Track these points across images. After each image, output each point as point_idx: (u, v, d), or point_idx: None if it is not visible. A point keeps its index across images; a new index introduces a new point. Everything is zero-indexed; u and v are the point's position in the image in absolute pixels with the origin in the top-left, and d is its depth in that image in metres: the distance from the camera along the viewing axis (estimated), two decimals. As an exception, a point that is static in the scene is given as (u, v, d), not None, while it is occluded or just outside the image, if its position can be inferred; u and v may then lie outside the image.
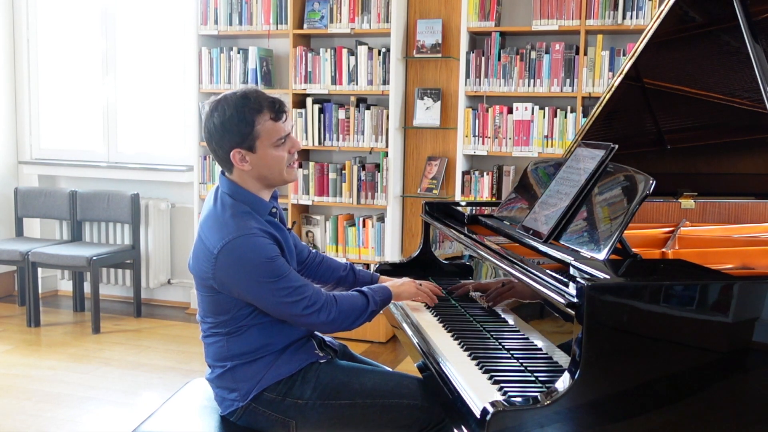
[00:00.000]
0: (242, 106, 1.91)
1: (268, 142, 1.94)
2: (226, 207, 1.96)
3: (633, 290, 1.56)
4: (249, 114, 1.91)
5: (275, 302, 1.92)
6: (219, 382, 2.04)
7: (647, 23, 3.03)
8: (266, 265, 1.89)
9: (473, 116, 4.34)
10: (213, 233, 1.92)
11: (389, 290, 2.16)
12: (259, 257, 1.88)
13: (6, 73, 5.37)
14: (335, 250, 4.68)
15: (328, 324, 1.99)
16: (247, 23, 4.70)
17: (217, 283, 1.93)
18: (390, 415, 1.99)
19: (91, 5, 5.31)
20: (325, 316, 1.97)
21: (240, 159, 1.94)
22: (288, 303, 1.92)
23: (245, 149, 1.93)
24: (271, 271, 1.89)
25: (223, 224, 1.92)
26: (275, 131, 1.94)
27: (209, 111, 1.95)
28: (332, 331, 2.05)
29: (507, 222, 2.34)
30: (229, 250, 1.88)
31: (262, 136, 1.93)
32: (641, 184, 1.83)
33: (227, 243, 1.88)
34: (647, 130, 2.72)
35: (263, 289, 1.90)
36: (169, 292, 5.38)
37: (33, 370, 3.97)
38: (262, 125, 1.92)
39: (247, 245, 1.88)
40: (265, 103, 1.93)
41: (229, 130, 1.91)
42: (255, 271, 1.89)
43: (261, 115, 1.92)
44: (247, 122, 1.91)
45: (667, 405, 1.58)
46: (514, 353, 1.88)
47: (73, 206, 5.10)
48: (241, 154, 1.93)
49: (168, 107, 5.26)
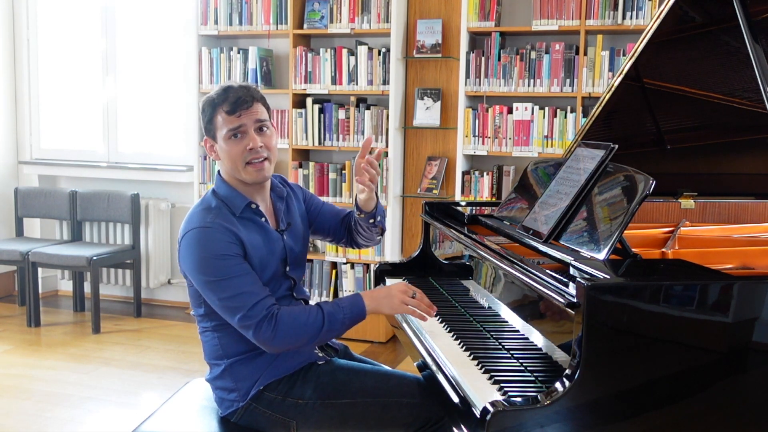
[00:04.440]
0: (210, 98, 2.01)
1: (220, 135, 2.00)
2: (202, 201, 2.03)
3: (633, 290, 1.56)
4: (209, 106, 2.00)
5: (216, 304, 1.92)
6: (218, 383, 2.04)
7: (647, 23, 3.03)
8: (211, 261, 1.89)
9: (473, 116, 4.34)
10: (183, 225, 2.00)
11: (362, 305, 1.95)
12: (206, 251, 1.90)
13: (6, 73, 5.37)
14: (335, 250, 4.68)
15: (267, 343, 1.88)
16: (247, 23, 4.70)
17: (182, 271, 1.99)
18: (390, 414, 1.99)
19: (91, 5, 5.31)
20: (264, 333, 1.86)
21: (209, 147, 2.05)
22: (226, 308, 1.90)
23: (210, 138, 2.03)
24: (214, 269, 1.88)
25: (190, 216, 1.99)
26: (225, 124, 1.98)
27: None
28: (277, 351, 1.92)
29: (507, 222, 2.34)
30: (186, 240, 1.94)
31: (218, 127, 2.00)
32: (641, 184, 1.83)
33: (185, 234, 1.95)
34: (647, 130, 2.72)
35: (205, 286, 1.91)
36: (169, 292, 5.38)
37: (33, 370, 3.97)
38: (219, 116, 1.99)
39: (198, 238, 1.91)
40: (227, 96, 1.98)
41: (202, 117, 2.04)
42: (201, 265, 1.90)
43: (219, 108, 1.98)
44: (206, 113, 2.01)
45: (667, 405, 1.58)
46: (514, 353, 1.88)
47: (73, 206, 5.10)
48: (210, 143, 2.04)
49: (168, 107, 5.26)
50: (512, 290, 2.01)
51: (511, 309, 2.01)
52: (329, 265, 4.78)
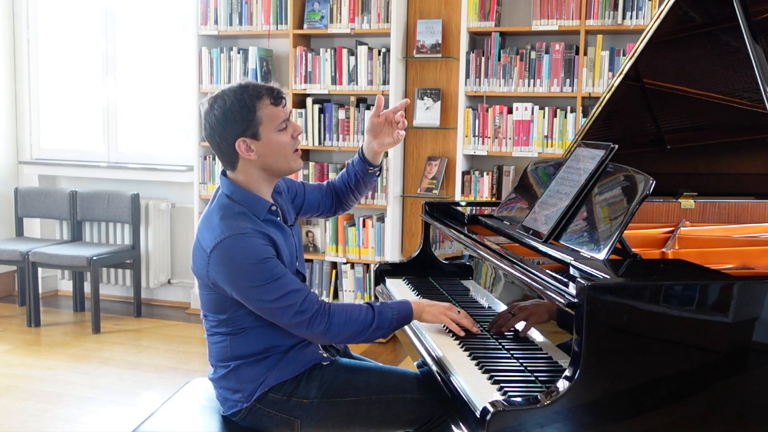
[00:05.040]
0: (242, 94, 1.91)
1: (272, 127, 1.93)
2: (221, 207, 1.95)
3: (633, 290, 1.56)
4: (250, 100, 1.90)
5: (264, 307, 1.88)
6: (222, 383, 2.03)
7: (647, 23, 3.04)
8: (256, 266, 1.85)
9: (473, 116, 4.34)
10: (207, 233, 1.92)
11: (409, 307, 1.99)
12: (249, 258, 1.85)
13: (6, 73, 5.37)
14: (335, 250, 4.68)
15: (319, 336, 1.91)
16: (247, 23, 4.70)
17: (211, 282, 1.92)
18: (394, 411, 2.00)
19: (91, 5, 5.31)
20: (317, 327, 1.89)
21: (246, 148, 1.92)
22: (277, 309, 1.87)
23: (250, 137, 1.92)
24: (260, 274, 1.85)
25: (216, 224, 1.91)
26: (276, 115, 1.93)
27: (208, 106, 1.94)
28: (328, 343, 1.98)
29: (507, 222, 2.34)
30: (221, 250, 1.87)
31: (265, 121, 1.92)
32: (641, 184, 1.83)
33: (219, 242, 1.87)
34: (647, 130, 2.72)
35: (251, 291, 1.87)
36: (169, 292, 5.38)
37: (33, 370, 3.97)
38: (263, 110, 1.92)
39: (238, 245, 1.86)
40: (263, 89, 1.93)
41: (231, 119, 1.91)
42: (244, 272, 1.85)
43: (261, 101, 1.92)
44: (249, 108, 1.90)
45: (666, 405, 1.58)
46: (514, 353, 1.88)
47: (73, 206, 5.10)
48: (246, 143, 1.92)
49: (168, 107, 5.26)
50: (512, 290, 2.01)
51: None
52: (329, 265, 4.78)
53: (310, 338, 1.96)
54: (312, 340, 1.98)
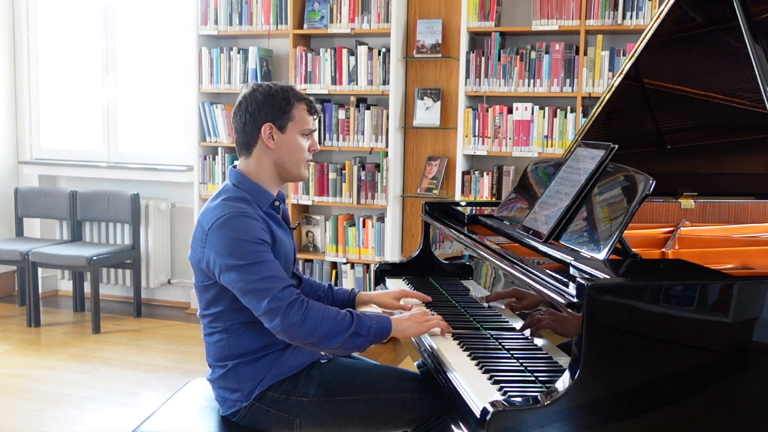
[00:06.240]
0: (288, 89, 2.05)
1: (298, 128, 2.04)
2: (226, 191, 2.02)
3: (633, 290, 1.56)
4: (293, 96, 2.04)
5: (243, 287, 1.88)
6: (221, 383, 2.04)
7: (647, 23, 3.04)
8: (246, 245, 1.88)
9: (473, 116, 4.34)
10: (208, 214, 1.97)
11: (388, 321, 1.97)
12: (242, 235, 1.90)
13: (6, 73, 5.37)
14: (335, 250, 4.68)
15: (296, 327, 1.85)
16: (247, 23, 4.70)
17: (205, 263, 1.94)
18: (393, 410, 2.00)
19: (91, 5, 5.31)
20: (293, 317, 1.84)
21: (269, 135, 2.02)
22: (255, 291, 1.86)
23: (277, 127, 2.02)
24: (248, 253, 1.88)
25: (218, 205, 1.97)
26: (306, 121, 2.06)
27: (251, 89, 2.05)
28: (304, 341, 1.88)
29: (507, 222, 2.34)
30: (219, 225, 1.92)
31: (296, 120, 2.03)
32: (641, 184, 1.83)
33: (219, 218, 1.92)
34: (647, 130, 2.72)
35: (235, 271, 1.88)
36: (169, 292, 5.38)
37: (33, 370, 3.97)
38: (299, 111, 2.04)
39: (235, 222, 1.91)
40: (305, 96, 2.09)
41: (270, 104, 2.01)
42: (233, 248, 1.88)
43: (300, 103, 2.05)
44: (289, 102, 2.03)
45: (667, 405, 1.58)
46: (514, 353, 1.88)
47: (73, 206, 5.10)
48: (272, 129, 2.02)
49: (168, 107, 5.26)
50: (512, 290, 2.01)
51: (511, 309, 2.01)
52: (329, 265, 4.78)
53: (284, 332, 1.87)
54: (289, 336, 1.88)
